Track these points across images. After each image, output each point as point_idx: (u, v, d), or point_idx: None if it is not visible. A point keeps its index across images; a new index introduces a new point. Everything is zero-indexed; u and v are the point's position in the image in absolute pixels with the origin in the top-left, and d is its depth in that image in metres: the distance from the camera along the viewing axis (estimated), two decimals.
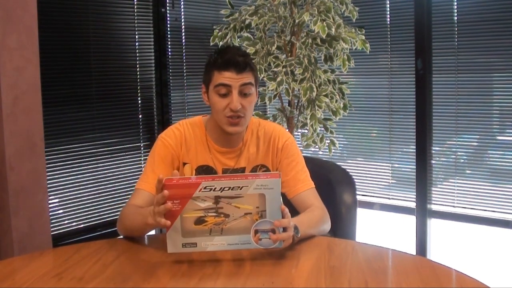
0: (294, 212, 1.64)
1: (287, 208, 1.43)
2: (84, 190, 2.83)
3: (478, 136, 3.03)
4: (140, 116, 3.10)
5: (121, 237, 1.66)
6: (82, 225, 2.83)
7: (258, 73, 2.81)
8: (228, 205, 1.38)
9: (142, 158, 3.08)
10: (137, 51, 3.07)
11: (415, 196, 3.21)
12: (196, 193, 1.37)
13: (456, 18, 3.01)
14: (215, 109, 1.67)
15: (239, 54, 1.65)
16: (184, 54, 3.30)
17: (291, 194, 1.72)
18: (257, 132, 1.78)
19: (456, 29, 3.01)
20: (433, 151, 3.15)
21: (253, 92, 1.68)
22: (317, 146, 3.00)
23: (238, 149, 1.75)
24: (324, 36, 2.75)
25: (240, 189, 1.37)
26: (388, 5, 3.27)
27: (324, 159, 2.61)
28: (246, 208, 1.39)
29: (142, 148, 3.09)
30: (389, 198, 3.37)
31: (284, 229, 1.41)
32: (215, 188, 1.36)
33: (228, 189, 1.37)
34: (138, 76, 3.08)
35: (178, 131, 1.74)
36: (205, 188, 1.36)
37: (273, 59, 2.86)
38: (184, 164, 1.72)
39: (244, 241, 1.40)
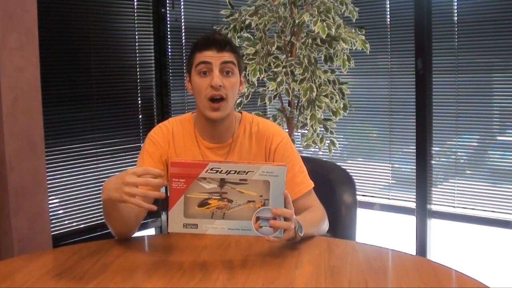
0: None
1: (290, 197, 1.42)
2: (84, 190, 2.83)
3: (478, 137, 3.03)
4: (140, 116, 3.10)
5: None
6: (82, 225, 2.83)
7: (256, 70, 2.82)
8: (232, 190, 1.38)
9: None
10: (137, 51, 3.06)
11: (415, 196, 3.21)
12: (202, 174, 1.36)
13: (456, 18, 3.01)
14: (196, 91, 1.65)
15: (218, 33, 1.69)
16: (184, 55, 3.29)
17: None
18: (250, 129, 1.75)
19: (456, 29, 3.01)
20: (433, 152, 3.15)
21: (236, 73, 1.66)
22: (317, 147, 3.00)
23: (228, 144, 1.73)
24: (324, 37, 2.75)
25: (246, 173, 1.37)
26: (388, 5, 3.27)
27: (324, 159, 2.61)
28: (250, 194, 1.38)
29: None
30: (389, 199, 3.37)
31: (287, 219, 1.40)
32: (221, 171, 1.36)
33: (234, 173, 1.36)
34: (138, 77, 3.08)
35: (165, 128, 1.74)
36: (211, 169, 1.36)
37: (273, 60, 2.86)
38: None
39: (245, 227, 1.39)
